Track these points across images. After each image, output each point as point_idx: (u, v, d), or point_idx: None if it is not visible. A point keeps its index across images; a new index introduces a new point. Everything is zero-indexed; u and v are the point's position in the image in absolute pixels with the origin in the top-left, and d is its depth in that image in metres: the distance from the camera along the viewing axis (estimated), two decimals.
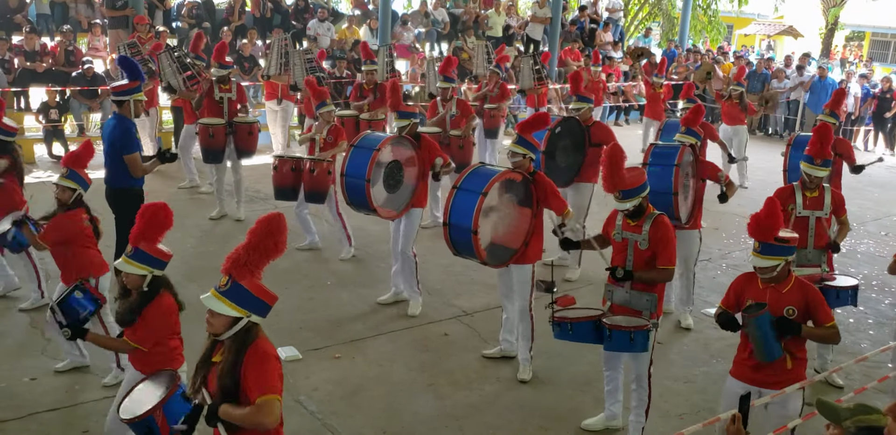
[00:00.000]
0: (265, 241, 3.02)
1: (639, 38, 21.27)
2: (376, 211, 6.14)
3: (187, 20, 13.49)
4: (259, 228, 3.04)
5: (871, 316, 7.01)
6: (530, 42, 16.81)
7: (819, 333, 3.94)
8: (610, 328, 4.35)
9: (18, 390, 5.02)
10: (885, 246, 9.18)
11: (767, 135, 16.83)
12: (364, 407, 5.04)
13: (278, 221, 3.06)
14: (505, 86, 10.43)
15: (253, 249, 3.00)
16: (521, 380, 5.45)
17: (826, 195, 5.42)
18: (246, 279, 2.99)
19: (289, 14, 14.57)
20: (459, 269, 7.30)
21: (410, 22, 15.63)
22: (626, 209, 4.45)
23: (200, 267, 7.19)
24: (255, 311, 3.00)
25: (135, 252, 3.79)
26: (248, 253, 3.00)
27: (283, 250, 3.07)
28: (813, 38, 32.31)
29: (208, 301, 2.98)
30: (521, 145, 5.22)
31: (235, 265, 3.00)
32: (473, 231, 4.94)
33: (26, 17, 12.35)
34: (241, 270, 2.99)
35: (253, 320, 3.01)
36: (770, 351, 3.86)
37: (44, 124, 10.92)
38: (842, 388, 5.48)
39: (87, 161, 5.21)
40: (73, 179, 5.04)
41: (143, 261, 3.80)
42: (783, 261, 3.88)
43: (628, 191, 4.40)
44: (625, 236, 4.56)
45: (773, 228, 3.89)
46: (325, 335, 6.02)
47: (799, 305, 3.89)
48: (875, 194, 11.67)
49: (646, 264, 4.48)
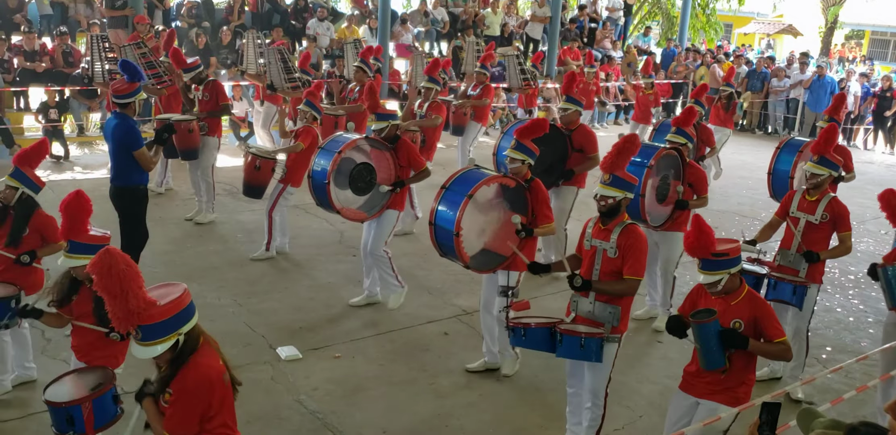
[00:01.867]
0: (112, 289, 2.82)
1: (638, 37, 21.27)
2: (340, 212, 6.10)
3: (187, 20, 13.50)
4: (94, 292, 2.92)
5: (871, 314, 7.01)
6: (530, 41, 16.82)
7: (767, 349, 3.82)
8: (562, 333, 4.22)
9: (19, 390, 5.01)
10: (884, 244, 9.17)
11: (767, 133, 16.84)
12: (364, 406, 5.04)
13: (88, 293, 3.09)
14: (489, 85, 10.30)
15: (114, 298, 2.81)
16: (505, 374, 5.46)
17: (823, 202, 5.28)
18: (148, 316, 2.83)
19: (288, 14, 14.57)
20: (459, 268, 7.24)
21: (410, 21, 15.64)
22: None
23: (200, 267, 7.20)
24: (180, 326, 2.90)
25: (71, 245, 3.94)
26: (120, 305, 2.81)
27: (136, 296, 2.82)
28: (812, 37, 32.32)
29: (144, 353, 2.87)
30: (519, 151, 5.06)
31: (131, 320, 2.83)
32: (455, 233, 4.87)
33: (26, 17, 12.35)
34: (139, 317, 2.82)
35: (184, 331, 2.91)
36: (711, 359, 3.80)
37: (43, 124, 10.92)
38: (799, 402, 5.31)
39: (37, 161, 5.08)
40: (16, 178, 4.88)
41: (80, 251, 3.89)
42: (726, 274, 3.83)
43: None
44: (594, 244, 4.39)
45: (708, 245, 3.83)
46: (326, 335, 6.02)
47: (746, 318, 3.83)
48: (875, 193, 11.64)
49: (614, 275, 4.30)
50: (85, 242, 3.91)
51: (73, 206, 3.99)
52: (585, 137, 6.97)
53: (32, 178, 4.95)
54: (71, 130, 11.95)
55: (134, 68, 6.33)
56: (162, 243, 7.57)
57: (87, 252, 3.74)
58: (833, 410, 4.44)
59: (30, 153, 5.03)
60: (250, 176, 7.47)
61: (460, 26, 16.24)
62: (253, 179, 7.48)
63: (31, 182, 4.94)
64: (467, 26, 16.11)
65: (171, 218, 8.60)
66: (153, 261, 6.99)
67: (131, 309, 2.79)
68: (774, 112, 16.75)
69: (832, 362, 5.72)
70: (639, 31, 22.14)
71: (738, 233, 9.09)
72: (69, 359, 5.31)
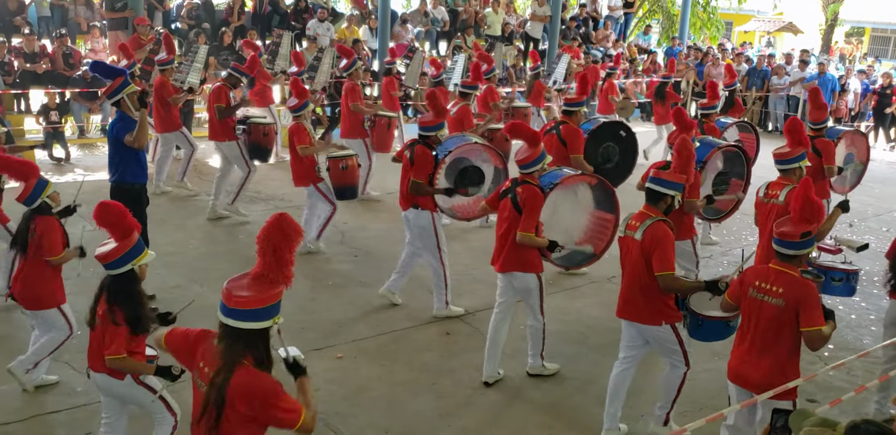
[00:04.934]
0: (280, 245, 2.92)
1: (639, 35, 21.26)
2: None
3: (187, 21, 13.49)
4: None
5: (873, 312, 7.00)
6: (530, 40, 16.81)
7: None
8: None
9: (21, 393, 5.02)
10: (886, 241, 9.14)
11: (767, 131, 16.81)
12: (366, 407, 5.04)
13: None
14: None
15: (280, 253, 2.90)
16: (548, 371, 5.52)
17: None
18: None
19: (288, 14, 14.57)
20: (461, 268, 7.30)
21: (410, 21, 15.63)
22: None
23: (201, 268, 7.21)
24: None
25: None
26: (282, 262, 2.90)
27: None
28: (813, 35, 32.30)
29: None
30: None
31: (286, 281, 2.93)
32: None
33: (26, 19, 12.35)
34: (287, 281, 2.93)
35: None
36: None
37: (44, 126, 10.93)
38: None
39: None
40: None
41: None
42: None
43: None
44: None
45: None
46: (327, 335, 6.03)
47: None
48: (876, 190, 11.66)
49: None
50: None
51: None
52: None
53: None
54: (72, 132, 11.95)
55: (105, 68, 6.37)
56: (163, 244, 7.57)
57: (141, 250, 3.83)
58: (835, 408, 4.45)
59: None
60: (340, 178, 7.50)
61: (460, 26, 16.24)
62: (345, 181, 7.51)
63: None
64: (468, 26, 16.10)
65: (171, 220, 8.61)
66: (155, 262, 6.92)
67: (286, 273, 2.86)
68: (775, 110, 16.72)
69: (833, 359, 5.72)
70: (639, 30, 22.12)
71: (739, 231, 9.10)
72: (71, 361, 5.35)
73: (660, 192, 4.42)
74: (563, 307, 6.68)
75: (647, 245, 4.29)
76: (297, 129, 7.38)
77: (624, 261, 4.54)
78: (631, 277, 4.47)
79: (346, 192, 7.71)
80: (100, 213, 3.72)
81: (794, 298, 3.79)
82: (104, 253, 3.74)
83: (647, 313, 4.46)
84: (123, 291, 3.76)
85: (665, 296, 4.40)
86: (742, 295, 3.99)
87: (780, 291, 3.82)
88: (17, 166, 4.96)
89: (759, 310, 3.89)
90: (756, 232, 5.95)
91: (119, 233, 3.76)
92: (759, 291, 3.91)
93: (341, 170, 7.53)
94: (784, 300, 3.80)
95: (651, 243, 4.28)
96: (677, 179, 4.46)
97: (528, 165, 5.12)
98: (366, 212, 9.23)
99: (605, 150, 7.31)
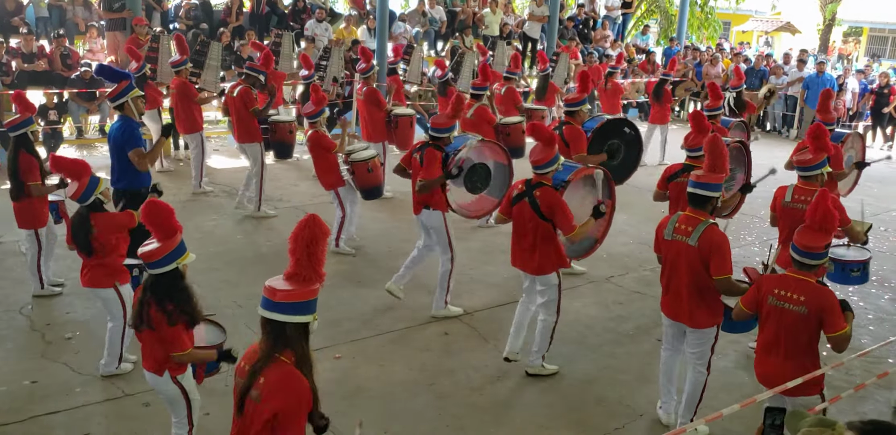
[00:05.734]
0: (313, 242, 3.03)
1: (637, 35, 21.26)
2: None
3: (185, 21, 13.49)
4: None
5: (872, 311, 7.01)
6: (528, 40, 16.80)
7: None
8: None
9: (19, 393, 5.03)
10: (885, 241, 9.19)
11: (766, 131, 16.82)
12: (365, 407, 5.04)
13: None
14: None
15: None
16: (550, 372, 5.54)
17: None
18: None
19: (286, 15, 14.57)
20: (459, 268, 7.28)
21: (408, 21, 15.62)
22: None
23: (199, 269, 7.17)
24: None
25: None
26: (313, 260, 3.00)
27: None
28: (811, 35, 32.32)
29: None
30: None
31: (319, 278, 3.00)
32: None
33: (24, 19, 12.34)
34: (319, 278, 3.01)
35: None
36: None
37: (42, 127, 10.91)
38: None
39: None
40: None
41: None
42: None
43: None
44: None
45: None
46: (326, 335, 6.01)
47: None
48: (874, 190, 11.65)
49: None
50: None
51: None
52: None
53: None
54: (70, 133, 11.95)
55: (111, 71, 6.36)
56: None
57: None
58: (833, 407, 4.45)
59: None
60: (367, 180, 7.54)
61: (459, 26, 16.23)
62: (371, 182, 7.56)
63: None
64: (466, 26, 16.09)
65: None
66: None
67: (319, 271, 2.96)
68: (773, 110, 16.72)
69: (832, 359, 5.71)
70: (637, 30, 22.13)
71: (738, 230, 9.09)
72: (70, 362, 5.35)
73: (704, 195, 4.49)
74: (562, 307, 6.66)
75: (705, 250, 4.38)
76: (317, 137, 7.50)
77: (675, 264, 4.56)
78: (686, 281, 4.51)
79: (374, 193, 7.83)
80: (147, 213, 3.75)
81: (817, 306, 3.92)
82: (149, 252, 3.77)
83: (700, 316, 4.56)
84: (173, 287, 3.83)
85: (718, 299, 4.53)
86: (761, 302, 4.10)
87: (802, 299, 3.95)
88: (70, 166, 5.06)
89: (780, 316, 4.02)
90: (754, 233, 5.97)
91: (163, 233, 3.79)
92: (779, 299, 4.02)
93: (367, 172, 7.55)
94: (806, 307, 3.93)
95: (709, 248, 4.38)
96: (717, 180, 4.53)
97: (543, 166, 5.19)
98: (365, 212, 9.21)
99: (609, 148, 7.29)
